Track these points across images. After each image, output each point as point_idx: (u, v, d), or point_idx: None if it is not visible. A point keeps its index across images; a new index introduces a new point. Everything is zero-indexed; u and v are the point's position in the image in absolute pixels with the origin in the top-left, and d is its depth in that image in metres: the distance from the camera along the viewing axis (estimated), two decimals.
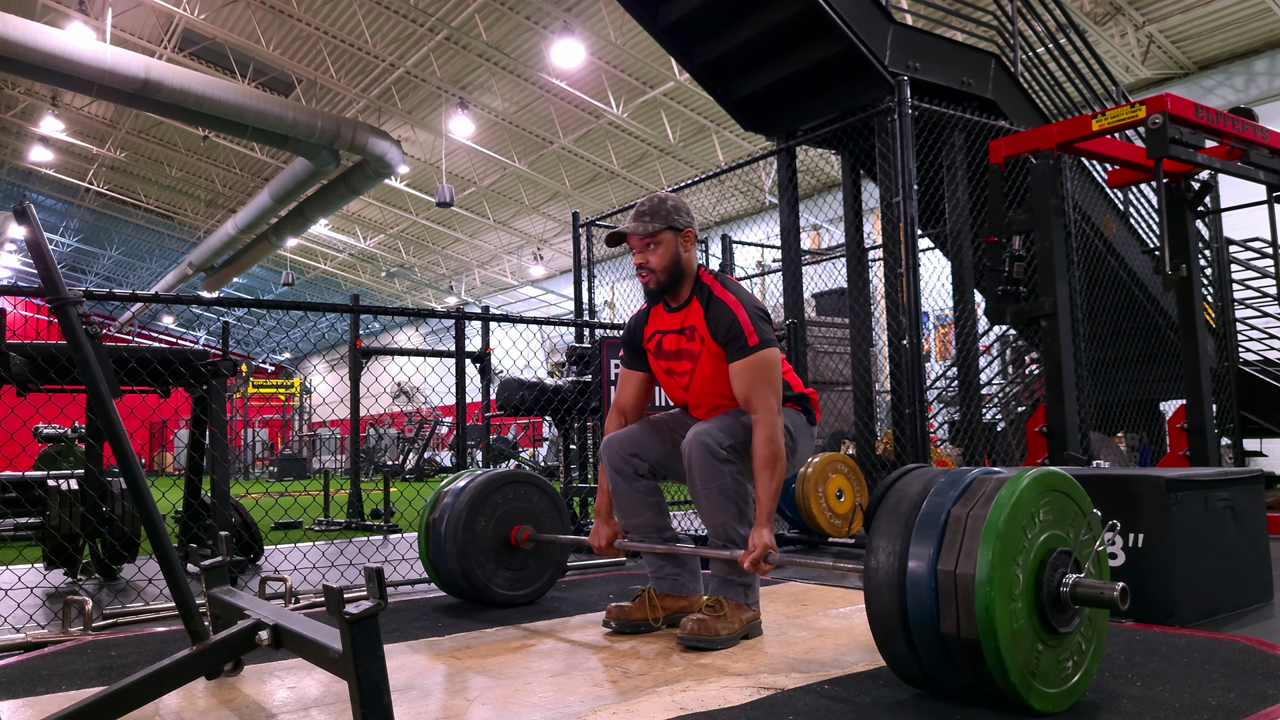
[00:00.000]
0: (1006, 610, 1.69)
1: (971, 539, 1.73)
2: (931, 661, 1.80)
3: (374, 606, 1.45)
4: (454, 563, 3.07)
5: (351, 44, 14.51)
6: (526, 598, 3.21)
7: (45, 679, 2.27)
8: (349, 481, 8.10)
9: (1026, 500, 1.77)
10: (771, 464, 2.44)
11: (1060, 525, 1.85)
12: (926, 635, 1.77)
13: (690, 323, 2.64)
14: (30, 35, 11.20)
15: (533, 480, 3.28)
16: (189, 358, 4.04)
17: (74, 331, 1.86)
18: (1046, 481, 1.83)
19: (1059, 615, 1.78)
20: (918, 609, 1.77)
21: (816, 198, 11.34)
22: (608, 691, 2.06)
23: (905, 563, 1.81)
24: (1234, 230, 6.49)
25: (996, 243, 4.65)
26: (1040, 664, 1.75)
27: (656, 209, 2.63)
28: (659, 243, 2.60)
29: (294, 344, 34.08)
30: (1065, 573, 1.79)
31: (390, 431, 22.11)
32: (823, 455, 5.06)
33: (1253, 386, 5.98)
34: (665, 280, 2.63)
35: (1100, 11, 11.21)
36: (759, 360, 2.50)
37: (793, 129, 5.78)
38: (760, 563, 2.37)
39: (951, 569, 1.73)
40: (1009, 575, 1.71)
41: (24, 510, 6.03)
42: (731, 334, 2.52)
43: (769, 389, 2.49)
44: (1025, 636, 1.73)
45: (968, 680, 1.77)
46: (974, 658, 1.71)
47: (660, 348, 2.73)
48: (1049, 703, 1.76)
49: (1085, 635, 1.87)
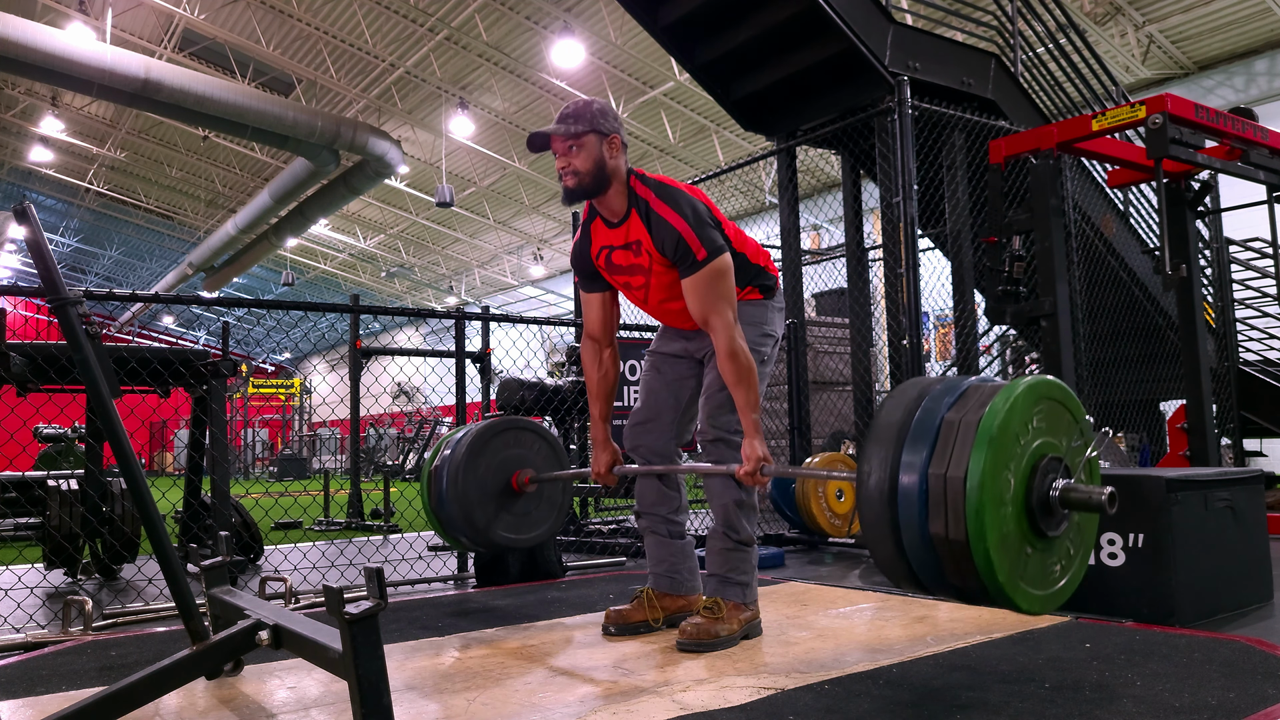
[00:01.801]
0: (997, 515, 1.70)
1: (964, 444, 1.74)
2: (919, 563, 1.80)
3: (374, 606, 1.45)
4: (455, 507, 3.02)
5: (351, 44, 14.51)
6: (529, 541, 3.17)
7: (45, 679, 2.27)
8: (349, 481, 8.10)
9: (1021, 407, 1.78)
10: (742, 377, 2.41)
11: (1053, 433, 1.86)
12: (915, 538, 1.77)
13: (634, 237, 2.56)
14: (30, 35, 11.20)
15: (532, 427, 3.24)
16: (189, 358, 4.04)
17: (74, 331, 1.86)
18: (1041, 389, 1.84)
19: (1048, 520, 1.79)
20: (907, 511, 1.78)
21: (816, 198, 11.35)
22: (607, 691, 2.06)
23: (897, 466, 1.81)
24: (1234, 230, 6.49)
25: (996, 243, 4.65)
26: (1028, 567, 1.77)
27: (580, 112, 2.52)
28: (582, 145, 2.49)
29: (294, 344, 34.08)
30: (1055, 478, 1.80)
31: (390, 431, 22.11)
32: (823, 455, 5.06)
33: (1253, 386, 5.98)
34: (589, 184, 2.51)
35: (1100, 11, 11.20)
36: (709, 273, 2.43)
37: (793, 129, 5.78)
38: (756, 474, 2.36)
39: (942, 473, 1.74)
40: (1000, 480, 1.72)
41: (24, 510, 6.04)
42: (679, 251, 2.45)
43: (724, 301, 2.44)
44: (1014, 540, 1.74)
45: (954, 581, 1.77)
46: (961, 559, 1.71)
47: (611, 263, 2.66)
48: (1035, 604, 1.78)
49: (1074, 541, 1.88)
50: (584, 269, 2.73)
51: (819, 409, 6.94)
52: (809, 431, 5.86)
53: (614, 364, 2.80)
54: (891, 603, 3.10)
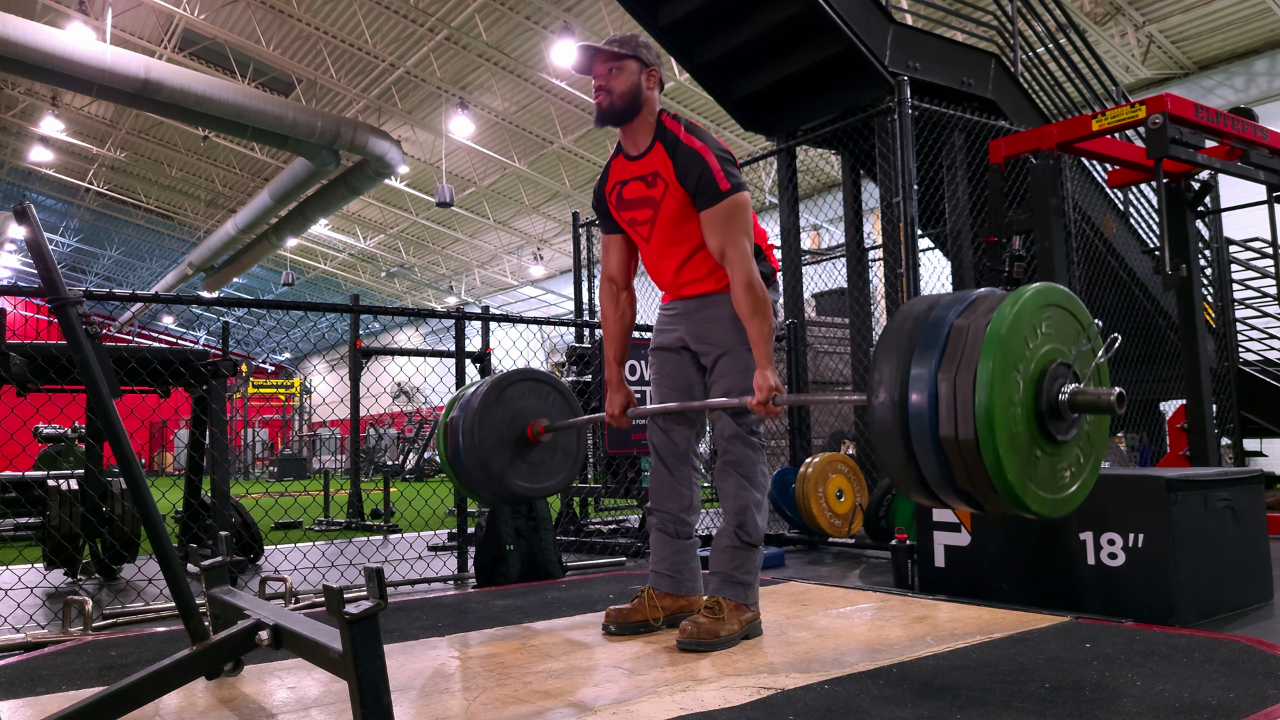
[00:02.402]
0: (1006, 414, 1.71)
1: (973, 347, 1.75)
2: (929, 467, 1.81)
3: (374, 606, 1.45)
4: (471, 456, 3.01)
5: (351, 44, 14.51)
6: (545, 491, 3.17)
7: (45, 679, 2.27)
8: (349, 481, 8.10)
9: (1029, 311, 1.79)
10: (757, 309, 2.44)
11: (1061, 340, 1.87)
12: (925, 442, 1.78)
13: (654, 168, 2.59)
14: (30, 35, 11.20)
15: (546, 379, 3.24)
16: (189, 358, 4.04)
17: (74, 331, 1.86)
18: (1048, 295, 1.86)
19: (1058, 424, 1.80)
20: (918, 416, 1.78)
21: (816, 198, 11.34)
22: (608, 691, 2.06)
23: (908, 372, 1.82)
24: (1234, 230, 6.49)
25: (996, 243, 4.65)
26: (1038, 469, 1.78)
27: (627, 39, 2.61)
28: (622, 69, 2.56)
29: (294, 344, 34.09)
30: (1064, 383, 1.82)
31: (390, 431, 22.12)
32: (823, 455, 5.06)
33: (1253, 386, 5.98)
34: (621, 107, 2.57)
35: (1100, 11, 11.21)
36: (731, 205, 2.48)
37: (793, 129, 5.78)
38: (769, 404, 2.37)
39: (952, 375, 1.75)
40: (1009, 381, 1.73)
41: (24, 510, 6.04)
42: (703, 181, 2.49)
43: (743, 234, 2.49)
44: (1023, 441, 1.75)
45: (963, 485, 1.78)
46: (971, 461, 1.72)
47: (621, 198, 2.69)
48: (1045, 506, 1.79)
49: (1084, 449, 1.89)
50: (601, 209, 2.79)
51: (819, 409, 6.94)
52: (809, 431, 5.86)
53: (631, 306, 2.84)
54: (891, 603, 3.10)
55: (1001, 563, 3.17)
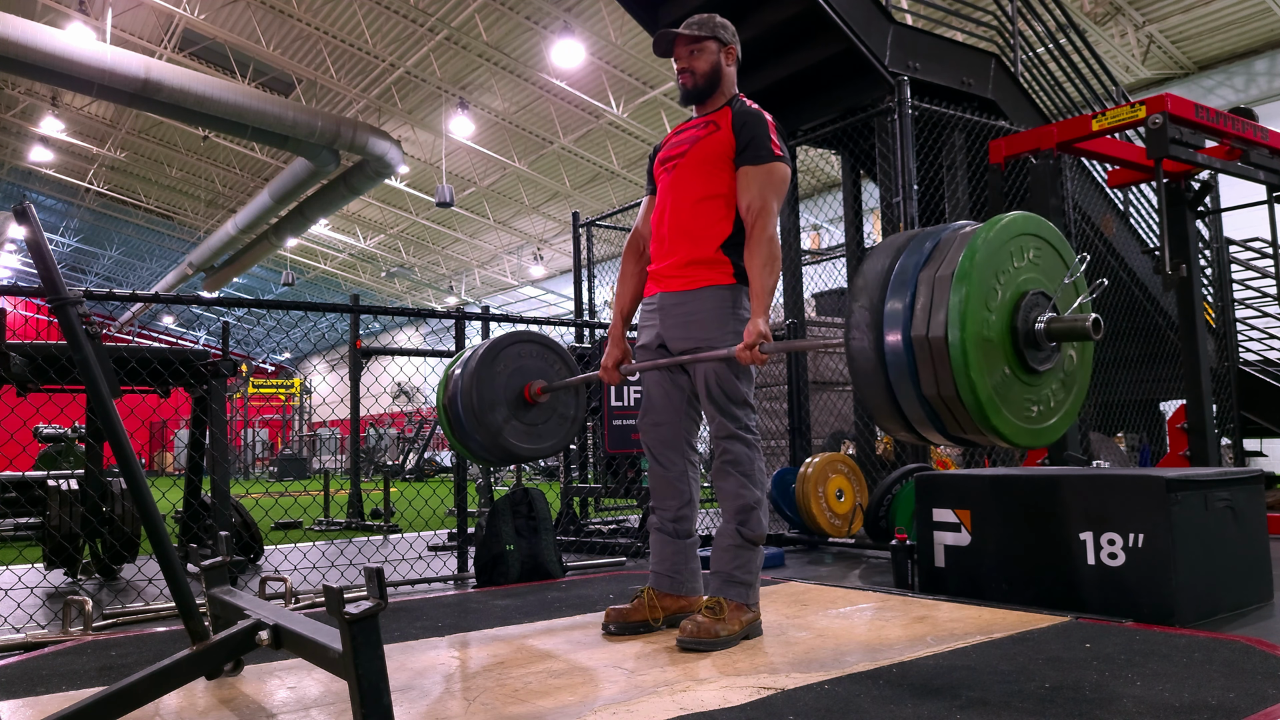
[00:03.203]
0: (979, 319, 1.72)
1: (954, 252, 1.79)
2: (899, 374, 1.81)
3: (374, 606, 1.45)
4: (468, 412, 3.03)
5: (351, 44, 14.51)
6: (542, 452, 3.19)
7: (45, 679, 2.27)
8: (349, 481, 8.10)
9: (1012, 233, 1.82)
10: (769, 261, 2.52)
11: (1044, 273, 1.88)
12: (897, 344, 1.80)
13: (714, 118, 2.71)
14: (30, 35, 11.20)
15: (543, 340, 3.24)
16: (189, 358, 4.04)
17: (74, 331, 1.86)
18: (1033, 225, 1.87)
19: (1034, 352, 1.81)
20: (892, 317, 1.81)
21: (816, 198, 11.33)
22: (608, 692, 2.06)
23: (888, 275, 1.85)
24: (1234, 230, 6.49)
25: None
26: (1011, 393, 1.78)
27: (705, 21, 2.72)
28: (703, 50, 2.69)
29: (294, 344, 34.09)
30: (1042, 312, 1.83)
31: (390, 431, 22.12)
32: (823, 455, 5.05)
33: (1253, 386, 5.98)
34: (703, 85, 2.71)
35: (1100, 11, 11.20)
36: (775, 169, 2.59)
37: (793, 129, 5.78)
38: (755, 349, 2.39)
39: (931, 278, 1.78)
40: (986, 288, 1.75)
41: (24, 510, 6.04)
42: (756, 138, 2.60)
43: (776, 198, 2.59)
44: (996, 355, 1.76)
45: (930, 390, 1.77)
46: (940, 362, 1.73)
47: (671, 143, 2.79)
48: (1017, 433, 1.79)
49: (1056, 394, 1.89)
50: (650, 166, 2.90)
51: (819, 409, 6.94)
52: (809, 431, 5.86)
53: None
54: (891, 603, 3.10)
55: (1001, 563, 3.17)
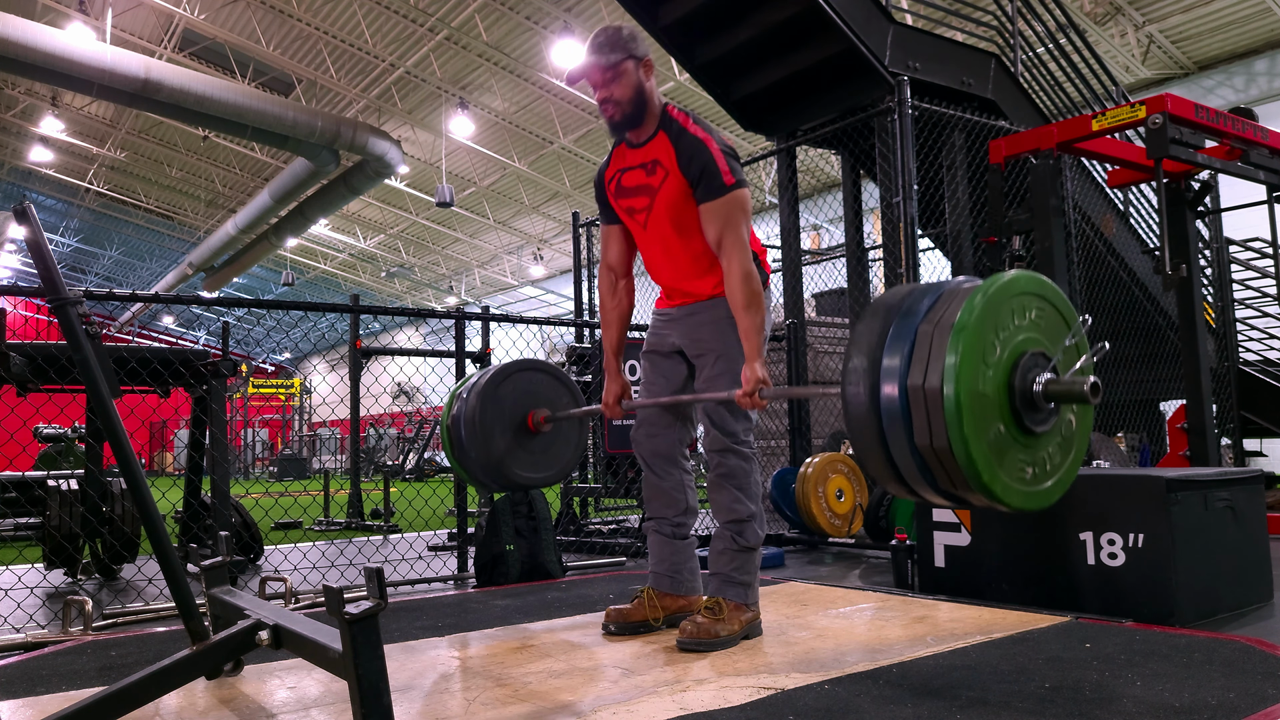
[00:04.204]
0: (975, 370, 1.69)
1: (959, 301, 1.75)
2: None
3: (374, 606, 1.45)
4: (472, 440, 3.02)
5: (351, 44, 14.51)
6: (545, 480, 3.19)
7: (45, 679, 2.27)
8: (349, 481, 8.10)
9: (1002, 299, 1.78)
10: (751, 301, 2.42)
11: (1042, 332, 1.85)
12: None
13: (655, 156, 2.54)
14: (30, 35, 11.20)
15: (547, 368, 3.24)
16: (189, 358, 4.04)
17: (74, 331, 1.86)
18: (1025, 285, 1.84)
19: (1033, 414, 1.78)
20: (889, 408, 1.78)
21: (816, 198, 11.34)
22: (608, 691, 2.06)
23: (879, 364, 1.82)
24: (1234, 230, 6.49)
25: (996, 243, 4.65)
26: (1007, 459, 1.75)
27: (613, 40, 2.49)
28: (621, 73, 2.48)
29: (294, 344, 34.09)
30: (1040, 373, 1.79)
31: (390, 431, 22.11)
32: (823, 455, 5.05)
33: (1253, 386, 5.98)
34: (630, 111, 2.52)
35: (1100, 11, 11.21)
36: (734, 200, 2.45)
37: (793, 129, 5.78)
38: (754, 396, 2.36)
39: (923, 366, 1.74)
40: (985, 342, 1.72)
41: (24, 510, 6.04)
42: (706, 172, 2.45)
43: (742, 227, 2.46)
44: (991, 409, 1.72)
45: (923, 440, 1.74)
46: (934, 406, 1.70)
47: (620, 186, 2.66)
48: (1017, 498, 1.75)
49: (1053, 457, 1.86)
50: (601, 198, 2.76)
51: (819, 409, 6.94)
52: (809, 431, 5.86)
53: (629, 295, 2.82)
54: (891, 603, 3.10)
55: (1001, 563, 3.17)
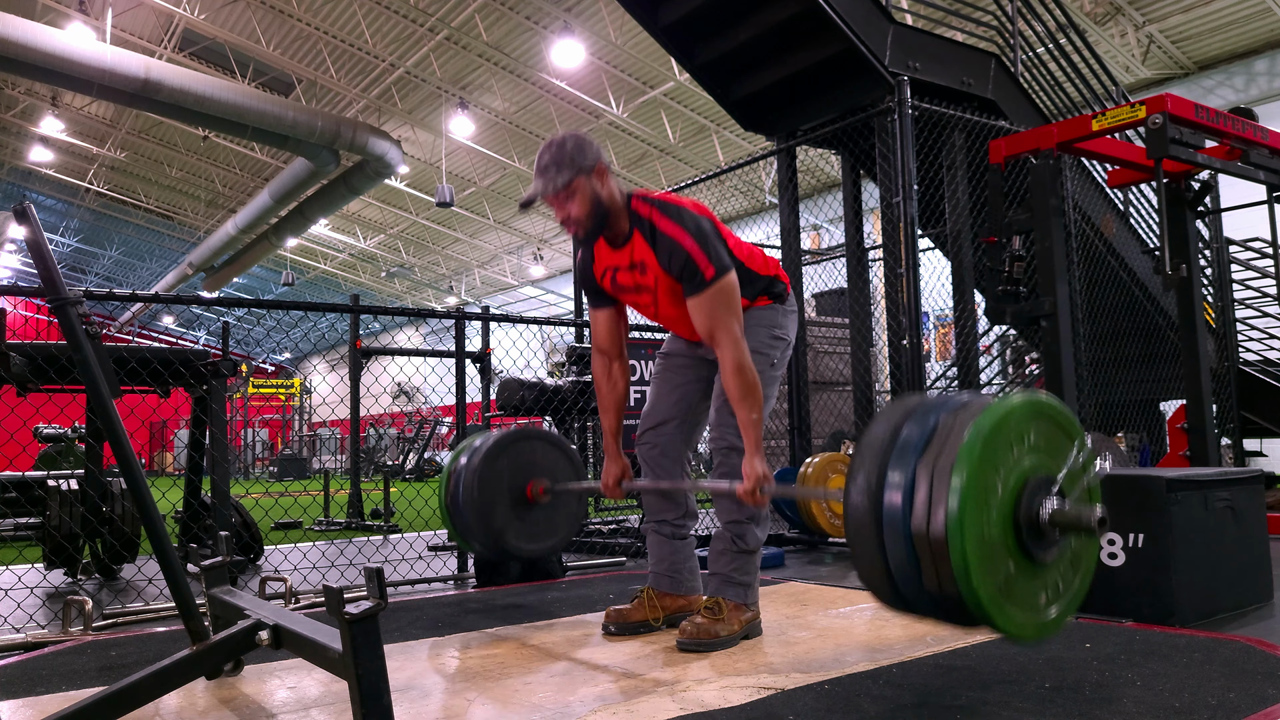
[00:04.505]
0: (979, 516, 1.65)
1: (955, 439, 1.70)
2: (897, 561, 1.74)
3: (374, 606, 1.45)
4: (470, 512, 3.05)
5: (351, 44, 14.51)
6: (541, 551, 3.20)
7: (45, 679, 2.27)
8: (349, 481, 8.10)
9: (1017, 416, 1.74)
10: (746, 394, 2.38)
11: (1047, 453, 1.81)
12: (896, 533, 1.73)
13: (639, 258, 2.53)
14: (30, 35, 11.20)
15: (550, 438, 3.26)
16: (189, 358, 4.04)
17: (74, 331, 1.86)
18: (1038, 406, 1.80)
19: (1038, 541, 1.73)
20: (891, 510, 1.73)
21: (816, 198, 11.34)
22: (608, 691, 2.06)
23: (888, 460, 1.78)
24: (1234, 230, 6.49)
25: (996, 243, 4.65)
26: (1013, 586, 1.71)
27: (558, 158, 2.42)
28: (574, 191, 2.43)
29: (294, 344, 34.08)
30: (1047, 499, 1.74)
31: (390, 431, 22.11)
32: (823, 455, 5.05)
33: (1253, 386, 5.98)
34: (592, 225, 2.49)
35: (1100, 11, 11.20)
36: (716, 292, 2.41)
37: (793, 129, 5.78)
38: (756, 493, 2.34)
39: (930, 466, 1.70)
40: (988, 482, 1.68)
41: (24, 510, 6.03)
42: (687, 270, 2.42)
43: (731, 317, 2.41)
44: (997, 550, 1.68)
45: (930, 587, 1.71)
46: (939, 559, 1.66)
47: (616, 283, 2.65)
48: (1018, 627, 1.72)
49: (1065, 577, 1.82)
50: (590, 287, 2.73)
51: (819, 409, 6.94)
52: (809, 431, 5.86)
53: (624, 377, 2.80)
54: None
55: None
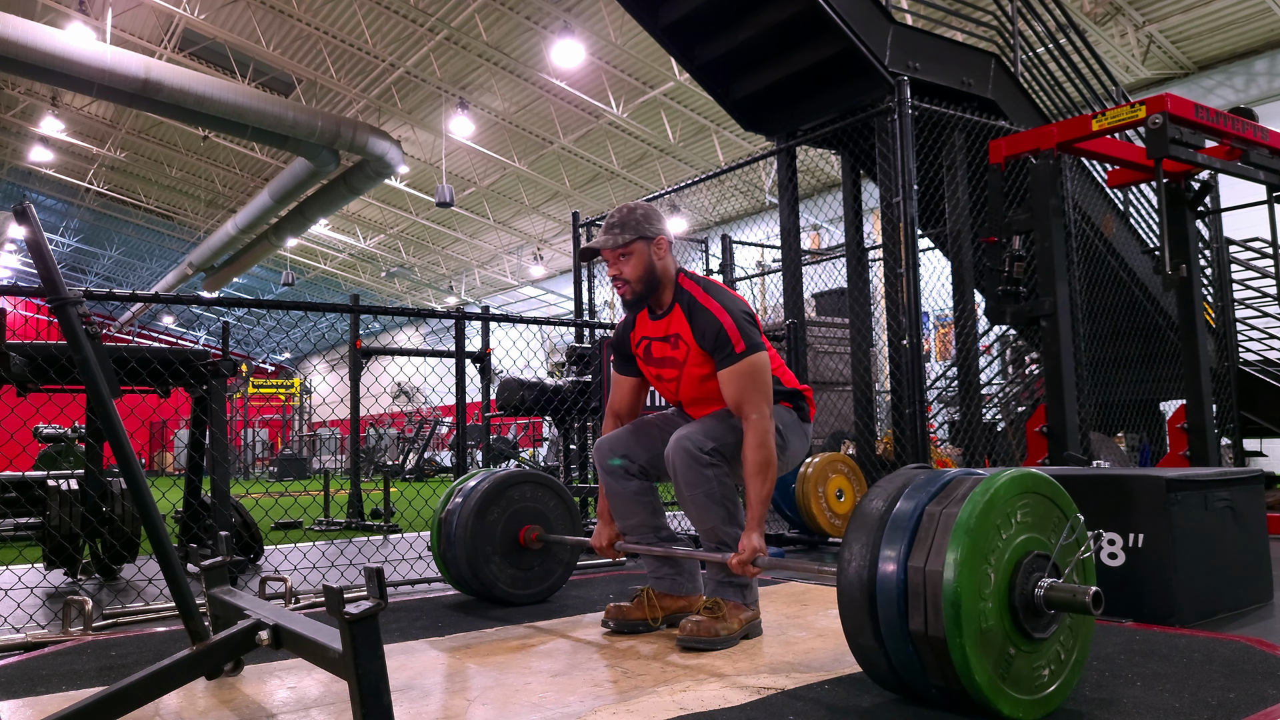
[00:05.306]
0: (975, 608, 1.65)
1: (942, 535, 1.70)
2: (900, 658, 1.77)
3: (374, 606, 1.45)
4: (463, 558, 3.10)
5: (351, 44, 14.51)
6: (532, 597, 3.23)
7: (45, 679, 2.27)
8: (349, 481, 8.10)
9: (1001, 499, 1.74)
10: (763, 469, 2.44)
11: (1039, 529, 1.81)
12: (895, 631, 1.74)
13: (674, 330, 2.64)
14: (30, 35, 11.20)
15: (546, 482, 3.30)
16: (189, 358, 4.04)
17: (74, 331, 1.86)
18: (1024, 483, 1.80)
19: (1034, 620, 1.73)
20: (886, 605, 1.75)
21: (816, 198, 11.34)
22: (608, 691, 2.06)
23: (877, 558, 1.79)
24: (1234, 230, 6.49)
25: (996, 243, 4.65)
26: (1012, 669, 1.71)
27: (625, 220, 2.60)
28: (631, 253, 2.59)
29: (294, 344, 34.08)
30: (1041, 577, 1.74)
31: (390, 431, 22.10)
32: (823, 455, 5.05)
33: (1253, 386, 5.98)
34: (641, 290, 2.62)
35: (1100, 11, 11.20)
36: (747, 366, 2.49)
37: (793, 129, 5.78)
38: (748, 566, 2.40)
39: (921, 565, 1.71)
40: (979, 574, 1.67)
41: (24, 510, 6.03)
42: (719, 342, 2.51)
43: (759, 394, 2.49)
44: (995, 638, 1.69)
45: (935, 681, 1.73)
46: (940, 656, 1.67)
47: (649, 354, 2.74)
48: (1020, 709, 1.71)
49: (1065, 645, 1.82)
50: (622, 351, 2.82)
51: (819, 409, 6.94)
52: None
53: None
54: None
55: None
